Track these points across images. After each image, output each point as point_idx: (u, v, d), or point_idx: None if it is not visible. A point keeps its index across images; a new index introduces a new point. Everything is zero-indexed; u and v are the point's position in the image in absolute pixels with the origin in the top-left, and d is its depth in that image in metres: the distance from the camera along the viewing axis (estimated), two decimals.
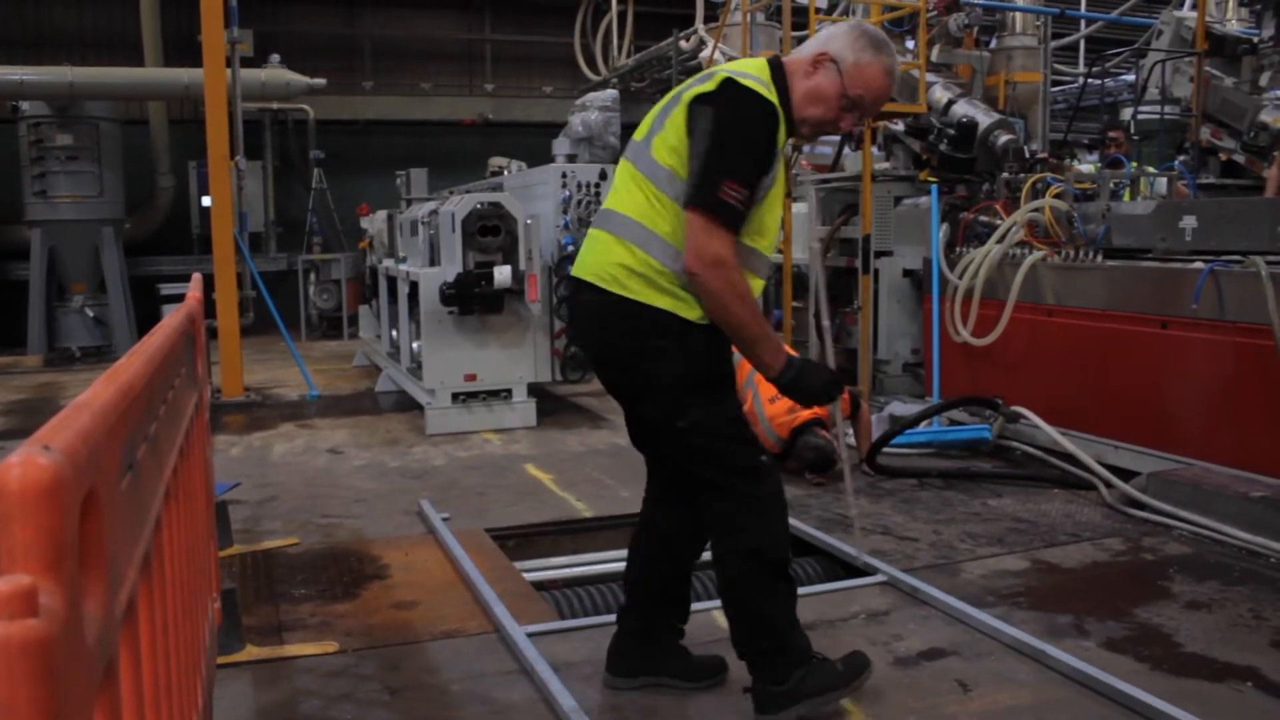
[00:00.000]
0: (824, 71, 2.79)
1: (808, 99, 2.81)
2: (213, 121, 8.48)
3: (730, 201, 2.65)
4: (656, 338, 2.80)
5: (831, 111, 2.81)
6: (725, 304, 2.71)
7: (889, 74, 2.83)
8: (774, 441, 5.65)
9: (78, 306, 11.97)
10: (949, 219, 7.31)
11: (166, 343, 2.03)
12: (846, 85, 2.77)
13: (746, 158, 2.70)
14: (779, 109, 2.75)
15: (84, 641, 0.89)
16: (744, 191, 2.66)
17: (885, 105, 2.95)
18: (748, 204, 2.70)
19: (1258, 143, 8.47)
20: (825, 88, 2.79)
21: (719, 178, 2.65)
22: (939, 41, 8.99)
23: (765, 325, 2.82)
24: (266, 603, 3.94)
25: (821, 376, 2.89)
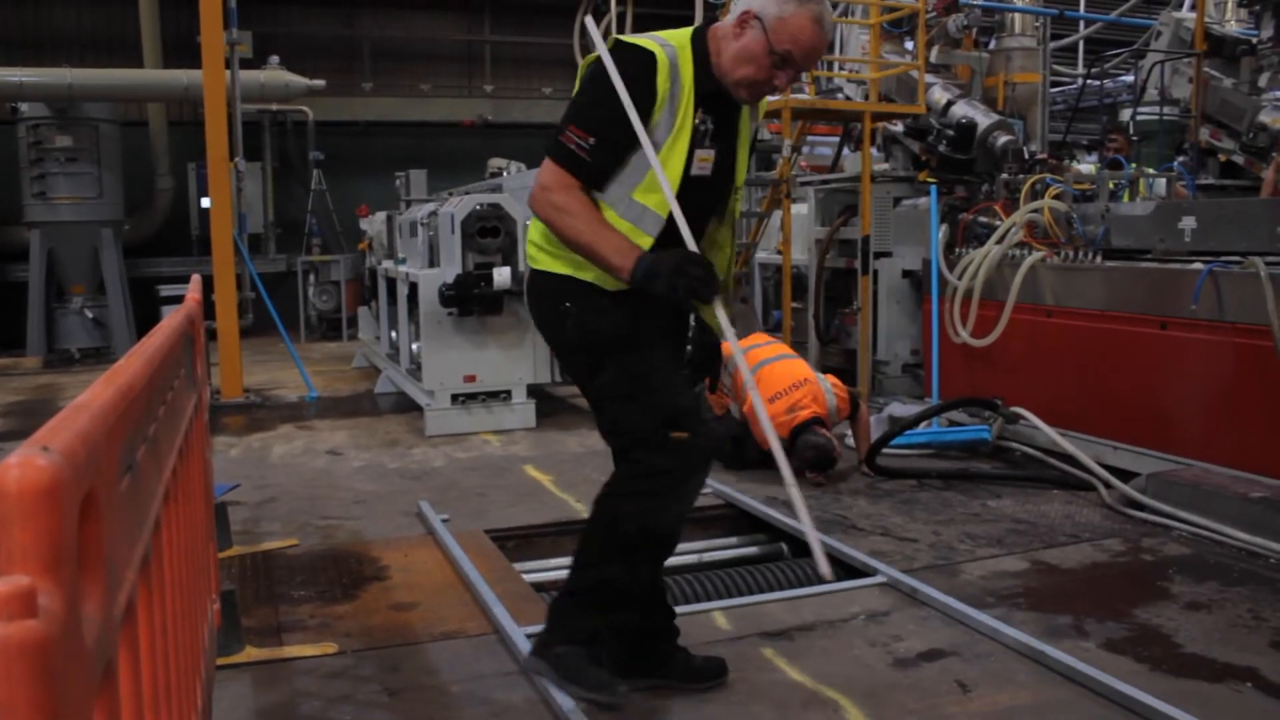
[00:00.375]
0: (750, 30, 2.72)
1: (737, 60, 2.75)
2: (212, 123, 8.48)
3: (569, 145, 2.71)
4: (560, 302, 2.88)
5: (763, 71, 2.73)
6: (557, 226, 2.76)
7: (817, 23, 2.72)
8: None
9: (77, 308, 11.97)
10: (948, 220, 7.31)
11: (165, 344, 2.03)
12: (773, 41, 2.69)
13: (599, 107, 2.71)
14: (660, 58, 2.71)
15: (83, 643, 0.89)
16: (587, 137, 2.69)
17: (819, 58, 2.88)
18: (600, 152, 2.72)
19: (1257, 143, 8.48)
20: (752, 46, 2.72)
21: (565, 124, 2.75)
22: (938, 42, 9.00)
23: (603, 233, 2.72)
24: (266, 604, 3.94)
25: (671, 260, 2.68)
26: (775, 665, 3.34)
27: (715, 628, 3.67)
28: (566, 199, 2.72)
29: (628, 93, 2.68)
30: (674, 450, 2.80)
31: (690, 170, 2.81)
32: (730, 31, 2.77)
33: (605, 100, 2.70)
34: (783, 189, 8.15)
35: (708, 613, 3.81)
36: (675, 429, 2.80)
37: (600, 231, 2.72)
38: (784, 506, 5.17)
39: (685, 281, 2.66)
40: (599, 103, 2.71)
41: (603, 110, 2.71)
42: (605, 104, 2.70)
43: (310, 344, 13.01)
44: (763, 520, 5.09)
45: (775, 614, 3.77)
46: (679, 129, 2.76)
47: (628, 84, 2.69)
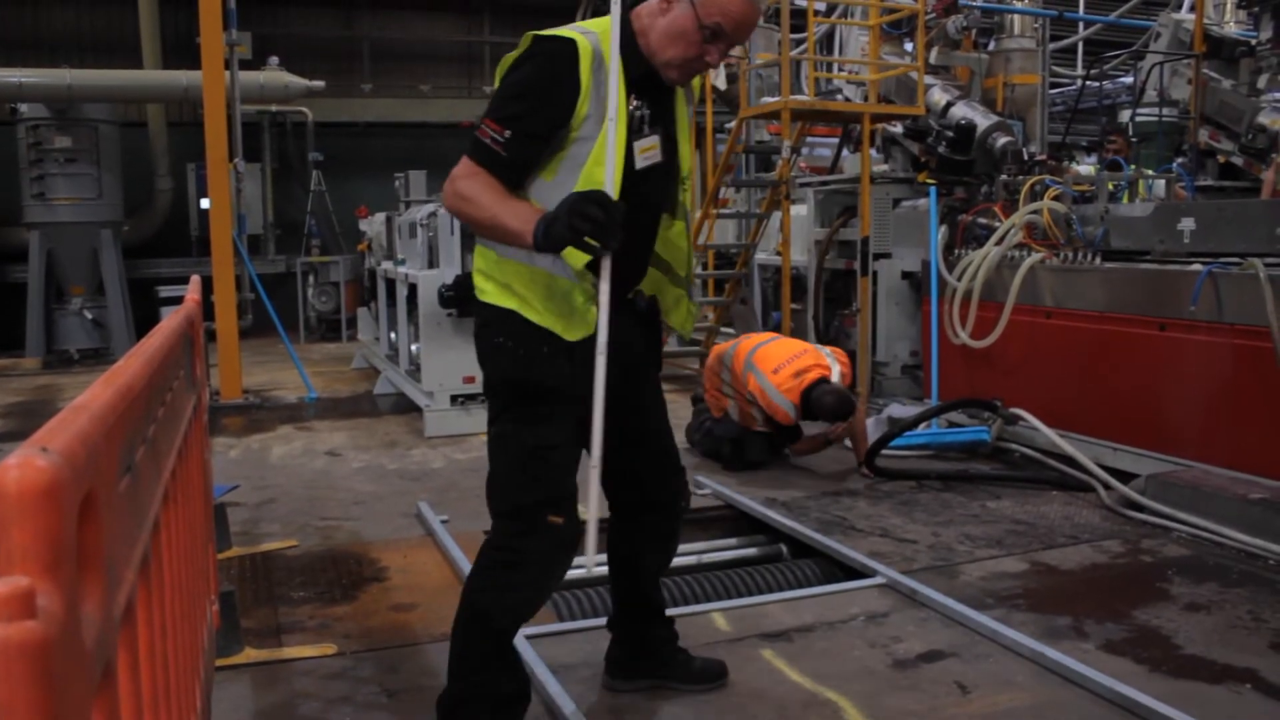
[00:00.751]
0: (676, 5, 2.60)
1: (666, 39, 2.61)
2: (211, 124, 8.48)
3: (484, 139, 2.53)
4: (496, 335, 2.70)
5: (693, 48, 2.60)
6: (463, 213, 2.62)
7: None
8: (788, 410, 5.68)
9: (76, 309, 11.96)
10: (947, 221, 7.31)
11: (165, 345, 2.03)
12: (701, 15, 2.56)
13: (516, 100, 2.56)
14: (581, 46, 2.55)
15: (82, 644, 0.89)
16: (502, 130, 2.52)
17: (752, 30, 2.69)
18: (512, 146, 2.52)
19: (1256, 145, 8.48)
20: (680, 21, 2.59)
21: (484, 116, 2.58)
22: (937, 44, 9.00)
23: (505, 203, 2.51)
24: (265, 605, 3.94)
25: (566, 201, 2.44)
26: (775, 666, 3.34)
27: (715, 629, 3.67)
28: (468, 184, 2.54)
29: (544, 85, 2.56)
30: (544, 534, 2.68)
31: (634, 163, 2.66)
32: (656, 8, 2.64)
33: (523, 93, 2.57)
34: (782, 190, 8.16)
35: (707, 614, 3.81)
36: (553, 512, 2.69)
37: (501, 202, 2.52)
38: (783, 508, 5.17)
39: (583, 223, 2.39)
40: (516, 95, 2.57)
41: (519, 103, 2.56)
42: (522, 97, 2.57)
43: (309, 345, 13.01)
44: (762, 522, 5.08)
45: (775, 615, 3.77)
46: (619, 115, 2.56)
47: (545, 75, 2.56)
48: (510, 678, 2.75)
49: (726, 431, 6.08)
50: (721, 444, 6.09)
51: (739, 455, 5.99)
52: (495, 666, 2.71)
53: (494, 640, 2.70)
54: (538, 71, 2.57)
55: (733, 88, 11.42)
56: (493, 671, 2.70)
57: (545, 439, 2.68)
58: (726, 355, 6.15)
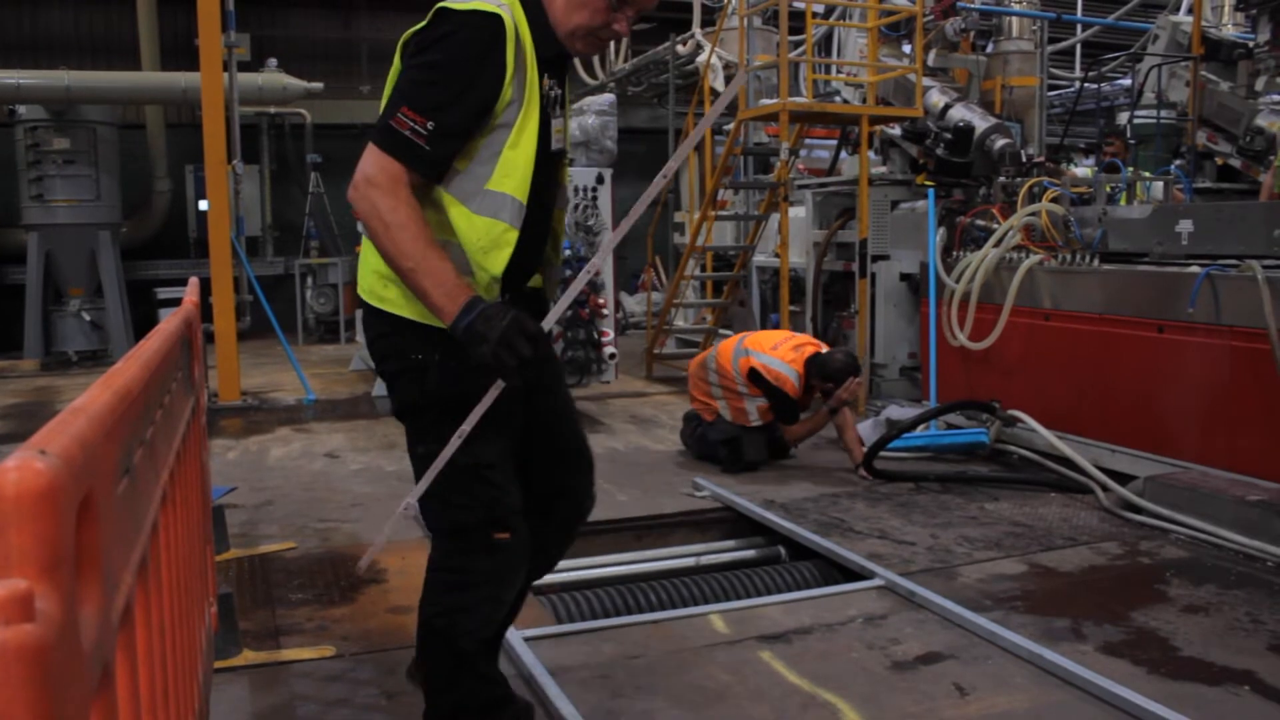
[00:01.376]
0: None
1: (569, 7, 2.39)
2: (210, 125, 8.47)
3: (400, 130, 2.24)
4: (414, 352, 2.44)
5: (599, 15, 2.38)
6: (381, 238, 2.26)
7: None
8: (793, 378, 5.83)
9: (74, 310, 11.95)
10: (946, 223, 7.32)
11: (163, 347, 2.03)
12: None
13: (438, 86, 2.27)
14: (505, 21, 2.30)
15: (80, 646, 0.89)
16: (424, 121, 2.23)
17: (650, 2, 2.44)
18: (435, 137, 2.25)
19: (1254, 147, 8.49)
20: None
21: (397, 105, 2.27)
22: (936, 46, 9.01)
23: (432, 260, 2.23)
24: (263, 607, 3.93)
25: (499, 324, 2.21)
26: (773, 668, 3.34)
27: (713, 631, 3.67)
28: (395, 206, 2.24)
29: (466, 65, 2.28)
30: (496, 551, 2.52)
31: (550, 146, 2.48)
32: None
33: (446, 78, 2.27)
34: (780, 192, 8.16)
35: (705, 616, 3.81)
36: (499, 530, 2.52)
37: (429, 257, 2.24)
38: (782, 510, 5.17)
39: (512, 359, 2.21)
40: (437, 80, 2.27)
41: (441, 90, 2.26)
42: (445, 82, 2.27)
43: (308, 347, 13.00)
44: (760, 523, 5.08)
45: (773, 617, 3.77)
46: (528, 102, 2.37)
47: (467, 53, 2.28)
48: (485, 686, 2.62)
49: (721, 433, 6.08)
50: (717, 446, 6.09)
51: (736, 455, 5.99)
52: (467, 684, 2.59)
53: (460, 660, 2.57)
54: (461, 51, 2.28)
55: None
56: (465, 689, 2.59)
57: (482, 457, 2.47)
58: (709, 359, 6.21)
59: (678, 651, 3.48)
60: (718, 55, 10.71)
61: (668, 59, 13.00)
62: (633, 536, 5.09)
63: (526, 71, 2.37)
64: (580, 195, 7.48)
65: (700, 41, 12.51)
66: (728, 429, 6.07)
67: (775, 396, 5.91)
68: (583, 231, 7.38)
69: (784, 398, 5.90)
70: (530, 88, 2.38)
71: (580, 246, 7.34)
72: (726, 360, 6.05)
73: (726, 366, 6.03)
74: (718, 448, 6.09)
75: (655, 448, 6.74)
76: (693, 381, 6.35)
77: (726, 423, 6.08)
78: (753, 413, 6.01)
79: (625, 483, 5.76)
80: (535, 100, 2.39)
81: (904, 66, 8.52)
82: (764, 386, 5.90)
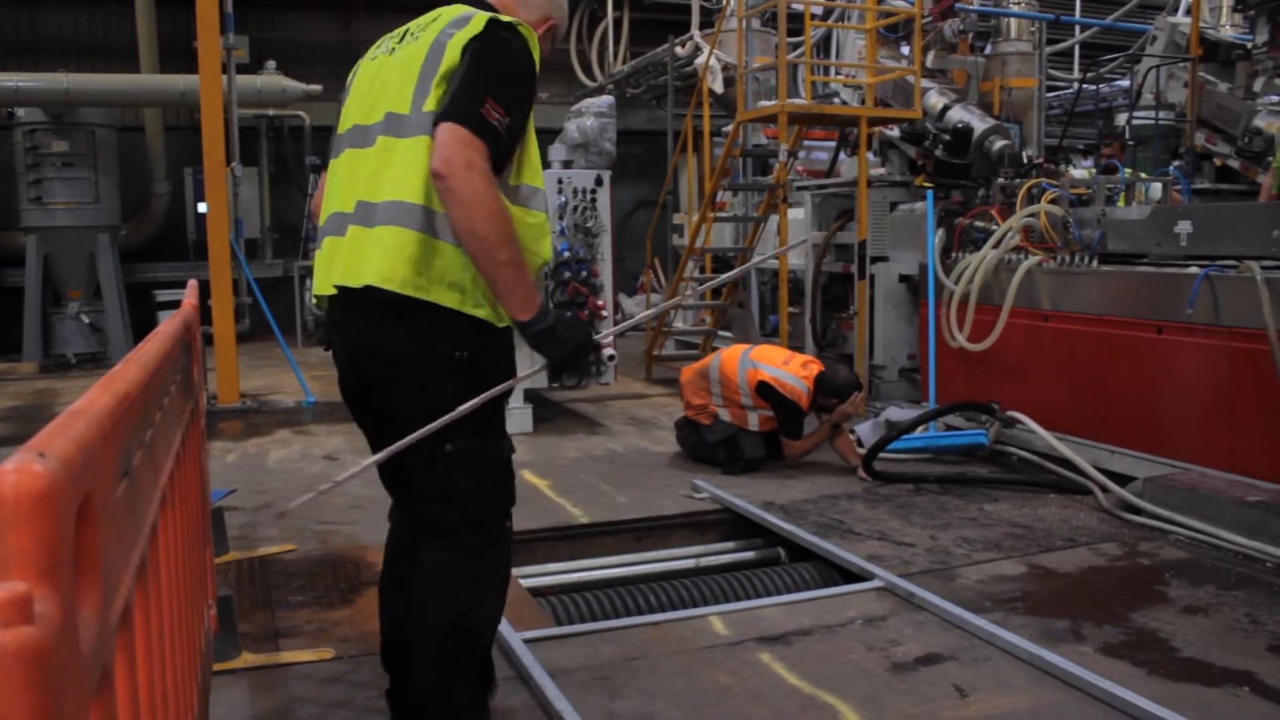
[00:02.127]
0: None
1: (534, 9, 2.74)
2: (208, 128, 8.47)
3: (490, 119, 2.34)
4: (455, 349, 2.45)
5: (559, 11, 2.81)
6: (474, 215, 2.29)
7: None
8: (804, 391, 5.91)
9: (73, 313, 11.94)
10: (945, 224, 7.32)
11: (162, 349, 2.03)
12: None
13: (515, 84, 2.46)
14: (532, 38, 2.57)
15: (79, 649, 0.89)
16: (505, 115, 2.38)
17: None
18: (509, 132, 2.41)
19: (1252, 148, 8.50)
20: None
21: (480, 94, 2.36)
22: (934, 47, 9.01)
23: (521, 256, 2.39)
24: (263, 609, 3.93)
25: (576, 338, 2.46)
26: (773, 670, 3.34)
27: (712, 632, 3.67)
28: (496, 196, 2.33)
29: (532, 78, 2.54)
30: (507, 539, 2.65)
31: None
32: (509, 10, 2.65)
33: (519, 77, 2.48)
34: (779, 193, 8.16)
35: (705, 617, 3.81)
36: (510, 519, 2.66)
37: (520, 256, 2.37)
38: (781, 511, 5.17)
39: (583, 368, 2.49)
40: (513, 79, 2.46)
41: (517, 88, 2.46)
42: (519, 80, 2.48)
43: (307, 349, 12.99)
44: (759, 525, 5.08)
45: (772, 618, 3.77)
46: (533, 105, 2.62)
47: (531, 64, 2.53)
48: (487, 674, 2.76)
49: (717, 434, 6.08)
50: (715, 449, 6.09)
51: (736, 455, 5.99)
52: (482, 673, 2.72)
53: (484, 652, 2.68)
54: (528, 61, 2.51)
55: (730, 91, 11.43)
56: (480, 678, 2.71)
57: (505, 449, 2.59)
58: (711, 368, 6.19)
59: (677, 653, 3.48)
60: (716, 57, 10.71)
61: (666, 61, 13.01)
62: (632, 538, 5.10)
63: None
64: (579, 197, 7.46)
65: (699, 43, 12.52)
66: (724, 429, 6.07)
67: (786, 408, 5.92)
68: (581, 233, 7.37)
69: (795, 410, 5.91)
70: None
71: (579, 248, 7.33)
72: (731, 371, 6.04)
73: (732, 378, 6.02)
74: (716, 449, 6.08)
75: (654, 449, 6.73)
76: (690, 389, 6.30)
77: (723, 423, 6.08)
78: (754, 422, 6.02)
79: (624, 484, 5.76)
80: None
81: (903, 68, 8.52)
82: (774, 399, 5.90)
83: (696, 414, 6.24)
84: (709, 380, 6.17)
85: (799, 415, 5.97)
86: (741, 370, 6.00)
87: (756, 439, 6.05)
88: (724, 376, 6.07)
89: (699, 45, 12.45)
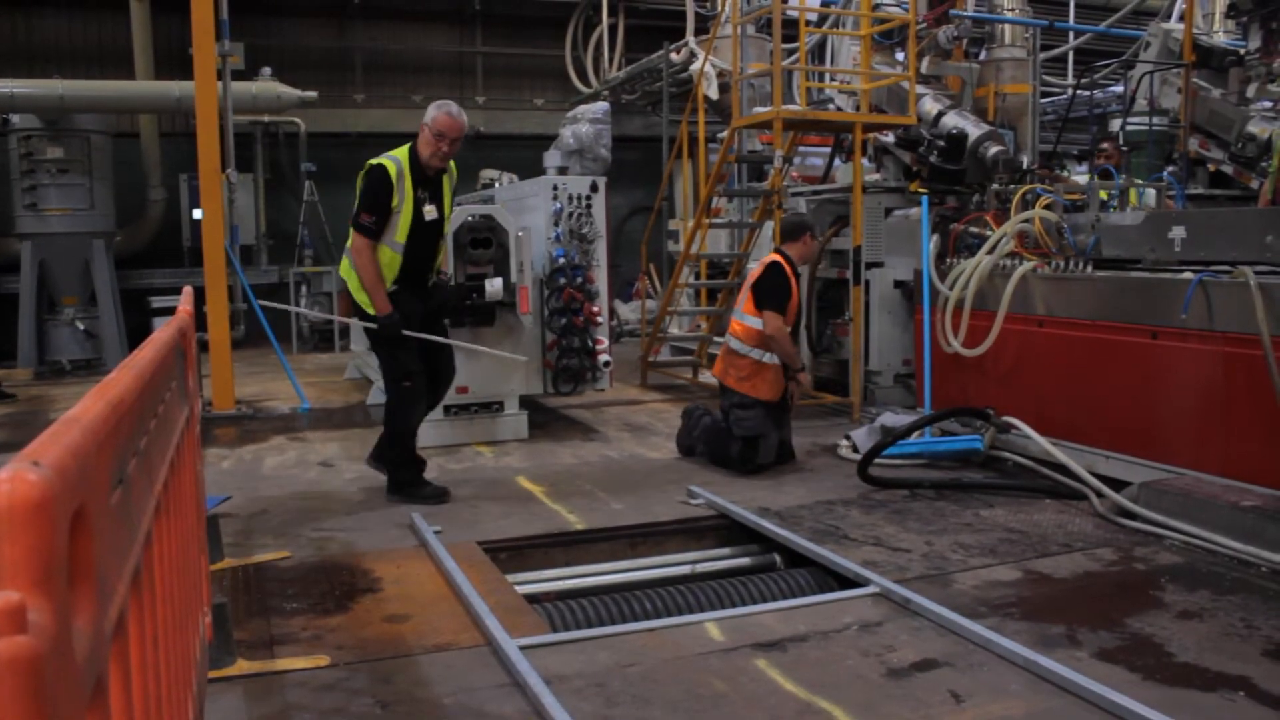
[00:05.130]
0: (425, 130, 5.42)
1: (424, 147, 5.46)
2: (204, 134, 8.47)
3: (365, 224, 5.40)
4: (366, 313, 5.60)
5: (430, 148, 5.41)
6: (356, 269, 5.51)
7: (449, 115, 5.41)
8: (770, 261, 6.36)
9: (68, 319, 11.93)
10: (939, 230, 7.34)
11: (157, 356, 2.03)
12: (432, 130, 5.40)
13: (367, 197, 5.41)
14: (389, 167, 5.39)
15: (73, 658, 0.89)
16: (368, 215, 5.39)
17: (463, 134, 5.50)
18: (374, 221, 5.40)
19: (1245, 153, 8.52)
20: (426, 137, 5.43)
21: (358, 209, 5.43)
22: (929, 54, 9.03)
23: (376, 286, 5.42)
24: (258, 616, 3.93)
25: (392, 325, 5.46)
26: (768, 676, 3.34)
27: (708, 638, 3.67)
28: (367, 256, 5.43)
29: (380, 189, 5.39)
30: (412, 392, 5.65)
31: (423, 217, 5.49)
32: (421, 138, 5.43)
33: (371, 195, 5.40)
34: (774, 199, 8.17)
35: (701, 624, 3.81)
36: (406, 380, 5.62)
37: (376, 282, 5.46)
38: (777, 517, 5.17)
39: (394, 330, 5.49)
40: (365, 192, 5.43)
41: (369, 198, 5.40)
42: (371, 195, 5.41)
43: (302, 355, 12.99)
44: (755, 531, 5.08)
45: (768, 624, 3.77)
46: (407, 198, 5.42)
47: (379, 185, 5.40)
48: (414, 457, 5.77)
49: (746, 429, 6.10)
50: (733, 443, 6.12)
51: (750, 455, 6.04)
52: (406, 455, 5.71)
53: (401, 439, 5.66)
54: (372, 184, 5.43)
55: (725, 97, 11.45)
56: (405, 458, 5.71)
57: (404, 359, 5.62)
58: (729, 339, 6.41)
59: (673, 659, 3.48)
60: (711, 63, 10.73)
61: (662, 67, 13.03)
62: (628, 544, 5.09)
63: (404, 185, 5.42)
64: (574, 203, 7.47)
65: (694, 49, 12.54)
66: (753, 425, 6.08)
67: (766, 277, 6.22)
68: (577, 240, 7.37)
69: (773, 268, 6.21)
70: (406, 194, 5.43)
71: (574, 254, 7.33)
72: (737, 321, 6.34)
73: (739, 324, 6.30)
74: (734, 444, 6.12)
75: (650, 455, 6.73)
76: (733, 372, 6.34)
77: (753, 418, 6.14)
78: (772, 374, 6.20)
79: (620, 490, 5.76)
80: (410, 198, 5.44)
81: (897, 74, 8.54)
82: (763, 287, 6.18)
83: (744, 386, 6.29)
84: (734, 348, 6.31)
85: (776, 273, 6.22)
86: (739, 312, 6.31)
87: (772, 444, 6.13)
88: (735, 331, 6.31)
89: (694, 51, 12.47)
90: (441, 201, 5.56)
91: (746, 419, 6.16)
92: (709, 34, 11.32)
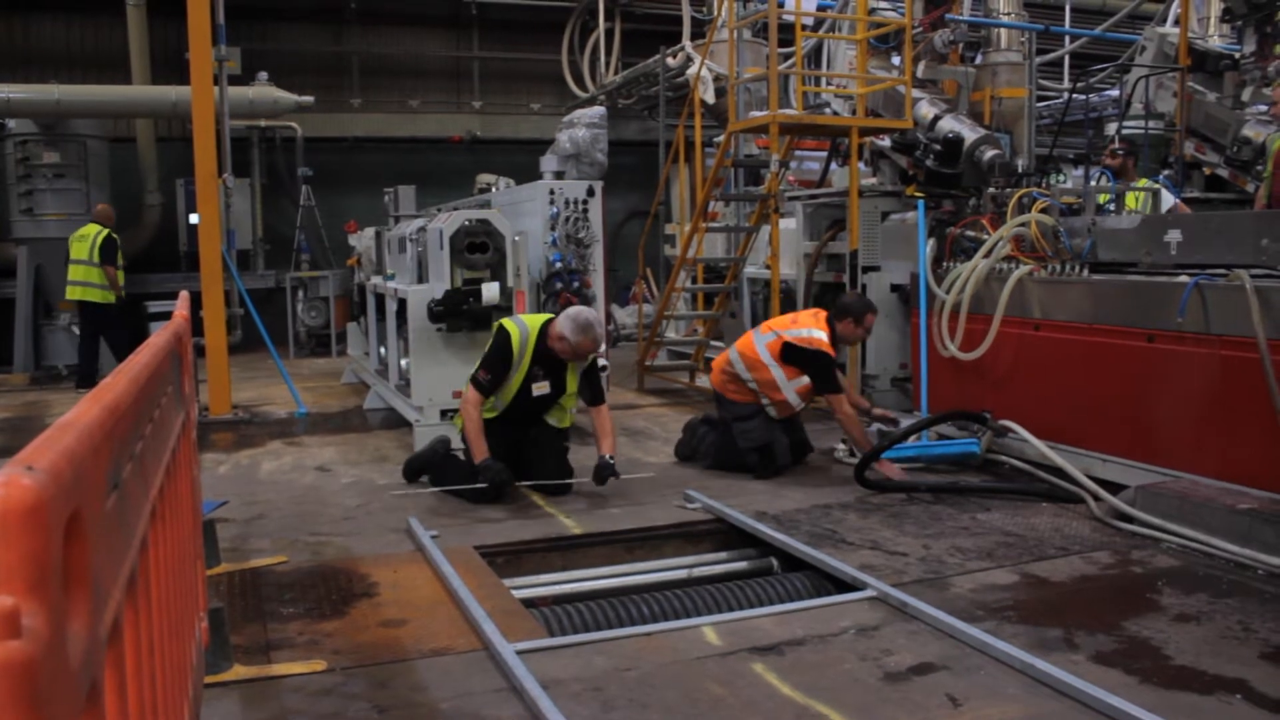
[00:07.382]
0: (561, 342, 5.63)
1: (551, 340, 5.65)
2: (200, 139, 8.47)
3: (481, 379, 5.66)
4: None
5: (558, 344, 5.63)
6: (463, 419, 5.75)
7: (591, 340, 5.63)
8: (824, 337, 6.07)
9: (64, 324, 11.92)
10: (936, 234, 7.34)
11: (153, 361, 2.02)
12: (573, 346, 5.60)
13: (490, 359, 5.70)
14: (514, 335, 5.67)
15: (68, 663, 0.88)
16: (485, 373, 5.65)
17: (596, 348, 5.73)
18: (490, 380, 5.65)
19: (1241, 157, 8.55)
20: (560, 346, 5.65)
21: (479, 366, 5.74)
22: (925, 58, 9.05)
23: (477, 437, 5.59)
24: (254, 621, 3.92)
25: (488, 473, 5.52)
26: (765, 680, 3.34)
27: (705, 643, 3.66)
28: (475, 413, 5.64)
29: (503, 352, 5.66)
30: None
31: (530, 392, 5.73)
32: (555, 333, 5.64)
33: (494, 353, 5.69)
34: (771, 204, 8.18)
35: (698, 628, 3.80)
36: None
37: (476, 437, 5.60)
38: (774, 521, 5.17)
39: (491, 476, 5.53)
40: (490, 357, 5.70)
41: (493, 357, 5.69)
42: (494, 354, 5.69)
43: (299, 360, 12.98)
44: (752, 535, 5.08)
45: (765, 628, 3.77)
46: (521, 371, 5.68)
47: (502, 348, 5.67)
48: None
49: (752, 440, 6.10)
50: (746, 454, 6.13)
51: (770, 460, 6.05)
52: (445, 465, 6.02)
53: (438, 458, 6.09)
54: (498, 346, 5.69)
55: (721, 101, 11.47)
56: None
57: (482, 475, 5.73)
58: (732, 360, 6.32)
59: (670, 664, 3.47)
60: (708, 67, 10.75)
61: (658, 71, 13.05)
62: (624, 548, 5.09)
63: (523, 360, 5.68)
64: (570, 208, 7.47)
65: (690, 54, 12.56)
66: (759, 435, 6.09)
67: (817, 361, 6.03)
68: (573, 244, 7.38)
69: (825, 360, 6.03)
70: (520, 368, 5.69)
71: (571, 259, 7.34)
72: (752, 352, 6.19)
73: (755, 356, 6.16)
74: (748, 454, 6.12)
75: (647, 459, 6.73)
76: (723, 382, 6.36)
77: (756, 428, 6.13)
78: (793, 398, 6.16)
79: (617, 495, 5.76)
80: (521, 372, 5.70)
81: (893, 78, 8.56)
82: (802, 357, 6.04)
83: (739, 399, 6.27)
84: (737, 371, 6.24)
85: (830, 364, 6.06)
86: (761, 347, 6.15)
87: (785, 446, 6.14)
88: (747, 360, 6.19)
89: (690, 56, 12.49)
90: (562, 379, 5.76)
91: (750, 430, 6.16)
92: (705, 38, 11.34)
